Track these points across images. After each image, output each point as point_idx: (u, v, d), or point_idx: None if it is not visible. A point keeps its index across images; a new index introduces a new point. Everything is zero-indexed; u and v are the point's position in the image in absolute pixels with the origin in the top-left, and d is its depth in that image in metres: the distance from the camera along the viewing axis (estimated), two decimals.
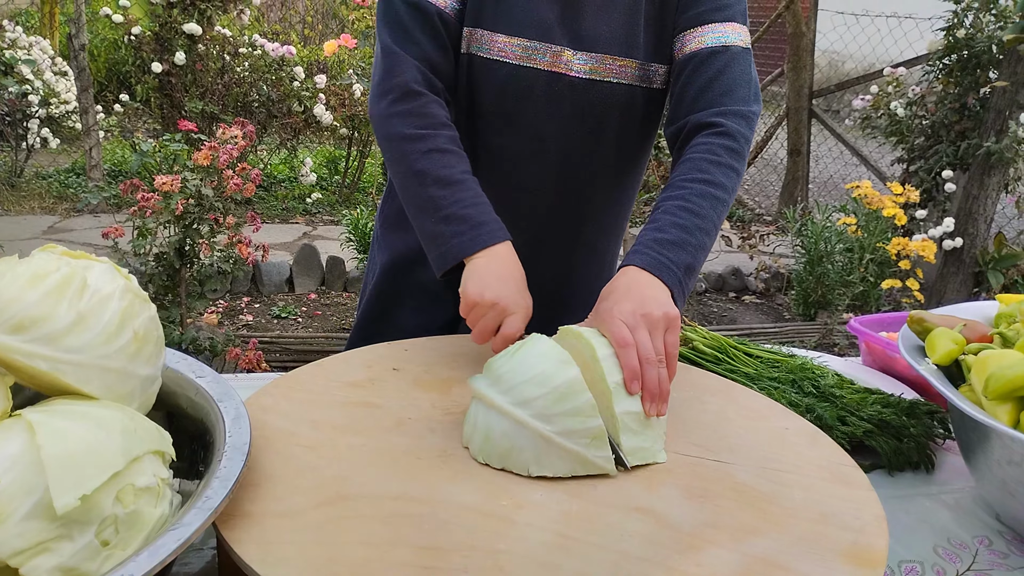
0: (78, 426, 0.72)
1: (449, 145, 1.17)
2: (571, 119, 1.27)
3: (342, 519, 0.78)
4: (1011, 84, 4.16)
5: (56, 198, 6.13)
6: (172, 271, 3.03)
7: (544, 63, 1.23)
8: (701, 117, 1.20)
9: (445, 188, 1.13)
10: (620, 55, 1.25)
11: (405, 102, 1.17)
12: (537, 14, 1.21)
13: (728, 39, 1.23)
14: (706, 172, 1.15)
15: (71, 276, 0.80)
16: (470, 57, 1.24)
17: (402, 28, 1.20)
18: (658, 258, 1.07)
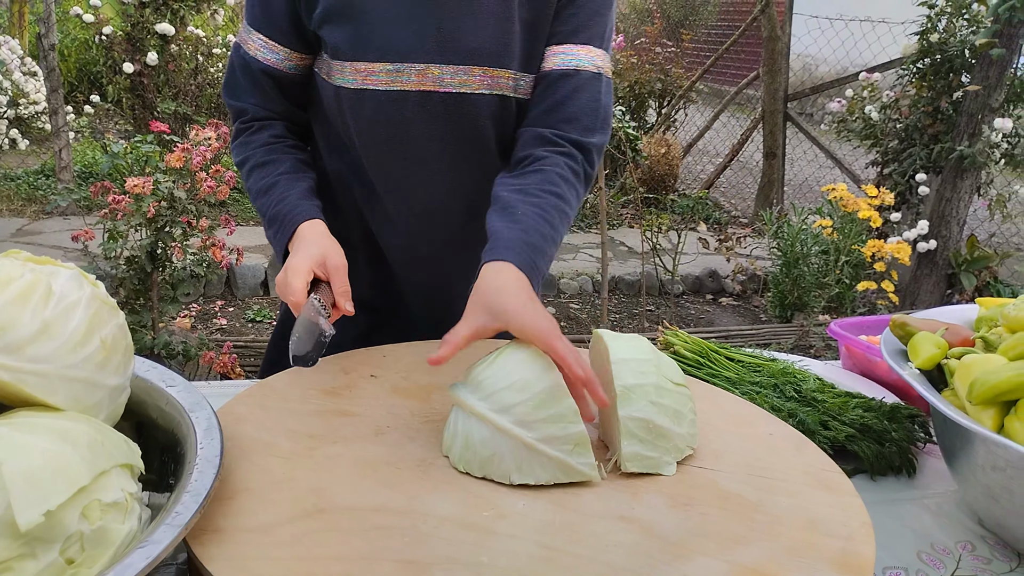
0: (42, 439, 0.69)
1: (266, 158, 1.24)
2: (450, 136, 1.22)
3: (319, 533, 0.76)
4: (983, 88, 4.21)
5: (25, 200, 6.01)
6: (144, 275, 2.98)
7: (412, 83, 1.18)
8: (543, 133, 1.20)
9: (263, 196, 1.21)
10: (492, 66, 1.19)
11: (236, 138, 1.29)
12: (397, 35, 1.16)
13: (580, 63, 1.21)
14: (557, 187, 1.16)
15: (35, 283, 0.77)
16: (337, 91, 1.21)
17: (235, 80, 1.27)
18: (531, 262, 1.07)
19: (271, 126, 1.27)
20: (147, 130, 3.41)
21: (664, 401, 0.93)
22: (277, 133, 1.28)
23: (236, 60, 1.27)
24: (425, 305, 1.37)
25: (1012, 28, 4.06)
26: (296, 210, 1.18)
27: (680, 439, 0.94)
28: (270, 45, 1.23)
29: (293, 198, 1.19)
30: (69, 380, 0.76)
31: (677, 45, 8.62)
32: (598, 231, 5.03)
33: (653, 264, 4.88)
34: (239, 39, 1.27)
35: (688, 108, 8.00)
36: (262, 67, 1.23)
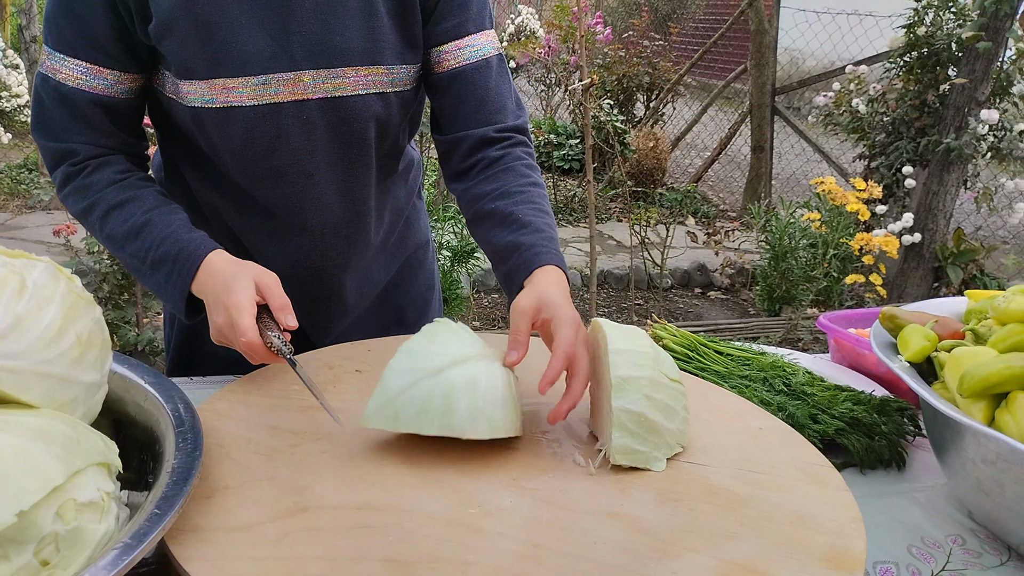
0: (14, 437, 0.67)
1: (120, 197, 1.08)
2: (332, 144, 1.16)
3: (301, 532, 0.74)
4: (970, 81, 4.22)
5: (7, 195, 5.95)
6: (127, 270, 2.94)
7: (282, 95, 1.09)
8: (487, 132, 1.19)
9: (135, 241, 1.06)
10: (365, 64, 1.13)
11: (68, 183, 1.10)
12: (256, 44, 1.06)
13: (485, 51, 1.20)
14: (530, 177, 1.18)
15: (7, 277, 0.75)
16: (196, 112, 1.09)
17: (54, 122, 1.09)
18: (559, 255, 1.09)
19: (110, 162, 1.11)
20: None
21: (658, 396, 0.92)
22: (121, 168, 1.11)
23: (47, 94, 1.07)
24: (327, 319, 1.33)
25: (998, 21, 4.07)
26: (191, 245, 1.04)
27: (671, 435, 0.93)
28: (93, 70, 1.06)
29: (179, 233, 1.06)
30: (43, 376, 0.74)
31: (665, 38, 8.62)
32: (586, 225, 5.02)
33: (642, 258, 4.87)
34: (45, 69, 1.07)
35: (676, 102, 8.00)
36: (89, 97, 1.07)
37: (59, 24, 1.05)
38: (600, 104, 6.68)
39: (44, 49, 1.08)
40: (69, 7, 1.04)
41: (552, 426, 0.99)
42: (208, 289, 1.01)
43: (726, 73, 7.80)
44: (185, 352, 1.34)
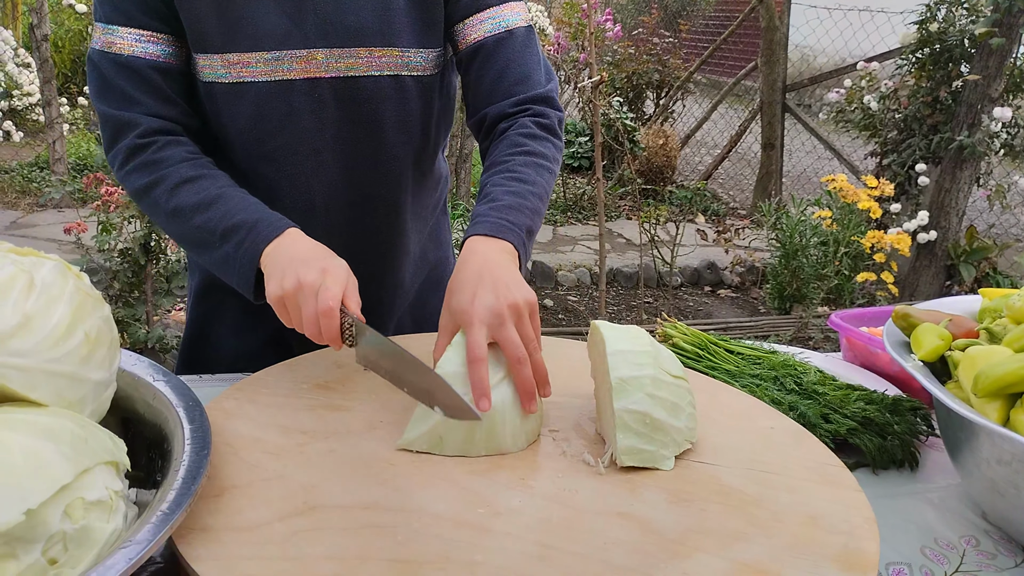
0: (22, 436, 0.67)
1: (192, 172, 1.08)
2: (342, 124, 1.15)
3: (310, 532, 0.74)
4: (983, 78, 4.19)
5: (19, 193, 5.98)
6: (138, 267, 2.96)
7: (295, 71, 1.10)
8: (503, 107, 1.17)
9: (206, 211, 1.05)
10: (377, 45, 1.12)
11: (133, 158, 1.09)
12: (270, 20, 1.07)
13: (509, 21, 1.17)
14: (523, 145, 1.13)
15: (16, 275, 0.75)
16: (209, 87, 1.10)
17: (117, 92, 1.09)
18: (499, 222, 1.03)
19: (179, 141, 1.11)
20: None
21: (661, 394, 0.91)
22: (191, 149, 1.11)
23: (106, 67, 1.08)
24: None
25: (1012, 17, 4.04)
26: (272, 216, 1.04)
27: (678, 432, 0.92)
28: (146, 35, 1.08)
29: (257, 206, 1.05)
30: (52, 375, 0.74)
31: (675, 36, 8.60)
32: (596, 223, 5.01)
33: (651, 256, 4.86)
34: (100, 44, 1.08)
35: (686, 99, 7.98)
36: (147, 63, 1.07)
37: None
38: (610, 102, 6.67)
39: (96, 26, 1.10)
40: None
41: (561, 425, 0.99)
42: (292, 252, 0.98)
43: (736, 70, 7.77)
44: (196, 347, 1.34)
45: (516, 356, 0.91)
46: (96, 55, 1.09)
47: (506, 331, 0.91)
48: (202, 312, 1.32)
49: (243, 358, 1.14)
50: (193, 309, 1.33)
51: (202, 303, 1.32)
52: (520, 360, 0.91)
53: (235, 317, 1.29)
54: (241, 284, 1.04)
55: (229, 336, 1.30)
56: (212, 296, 1.30)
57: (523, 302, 0.94)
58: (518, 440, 0.92)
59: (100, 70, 1.09)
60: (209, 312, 1.31)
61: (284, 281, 0.94)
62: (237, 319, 1.29)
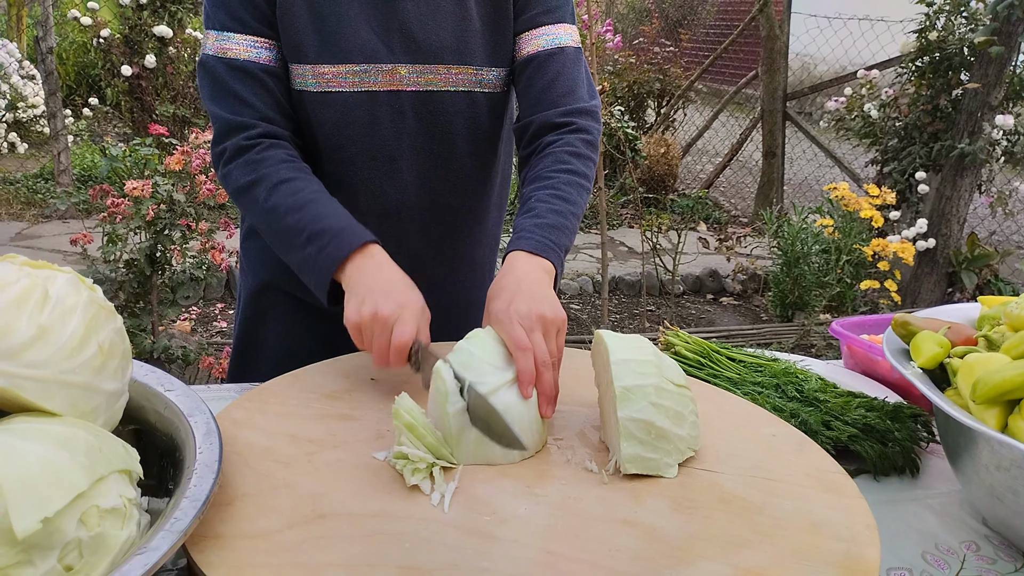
0: (39, 445, 0.68)
1: (291, 175, 1.14)
2: (418, 134, 1.24)
3: (319, 539, 0.75)
4: (982, 86, 4.20)
5: (24, 204, 6.01)
6: (143, 278, 2.97)
7: (379, 84, 1.19)
8: (549, 116, 1.24)
9: (298, 213, 1.11)
10: (454, 63, 1.22)
11: (238, 157, 1.16)
12: (360, 36, 1.17)
13: (561, 40, 1.27)
14: (568, 163, 1.20)
15: (31, 288, 0.76)
16: (300, 95, 1.20)
17: (231, 95, 1.16)
18: (543, 241, 1.10)
19: (282, 145, 1.18)
20: (146, 133, 3.40)
21: (664, 402, 0.92)
22: (291, 152, 1.19)
23: (222, 71, 1.16)
24: None
25: (1011, 26, 4.06)
26: (356, 226, 1.10)
27: (681, 441, 0.93)
28: (260, 42, 1.16)
29: (345, 216, 1.11)
30: (66, 385, 0.75)
31: (675, 45, 8.62)
32: (598, 231, 5.02)
33: (653, 264, 4.87)
34: (214, 51, 1.16)
35: (687, 108, 8.00)
36: (260, 67, 1.16)
37: (228, 5, 1.15)
38: (611, 111, 6.69)
39: (209, 34, 1.17)
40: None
41: (565, 433, 1.00)
42: (373, 277, 1.05)
43: (737, 79, 7.80)
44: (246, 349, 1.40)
45: (543, 360, 0.95)
46: (210, 60, 1.17)
47: (535, 336, 0.96)
48: (253, 314, 1.39)
49: (291, 360, 1.18)
50: (244, 311, 1.40)
51: (253, 306, 1.39)
52: (544, 364, 0.95)
53: (285, 320, 1.36)
54: (317, 287, 1.10)
55: (278, 339, 1.37)
56: (264, 299, 1.37)
57: (553, 316, 1.00)
58: (531, 438, 0.93)
59: (214, 74, 1.16)
60: (260, 315, 1.38)
61: (363, 308, 1.00)
62: (287, 322, 1.36)
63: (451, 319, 1.36)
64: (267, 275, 1.35)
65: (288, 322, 1.36)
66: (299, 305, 1.32)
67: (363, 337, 1.01)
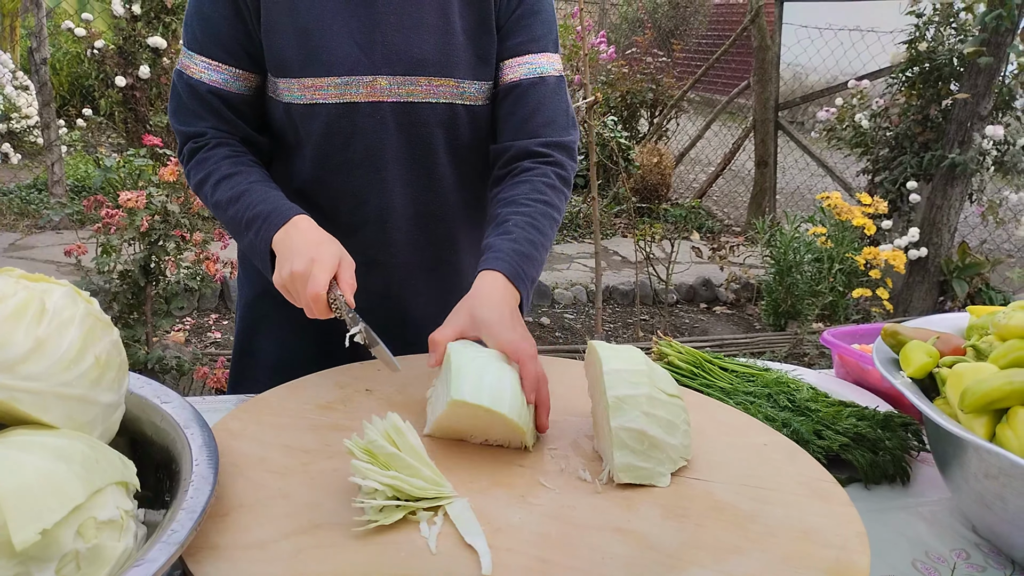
0: (36, 457, 0.69)
1: (232, 169, 1.22)
2: (400, 145, 1.27)
3: (315, 549, 0.76)
4: (972, 96, 4.24)
5: (17, 215, 6.00)
6: (137, 289, 2.97)
7: (361, 95, 1.22)
8: (528, 145, 1.27)
9: (236, 203, 1.19)
10: (437, 75, 1.25)
11: (191, 158, 1.25)
12: (342, 50, 1.21)
13: (544, 69, 1.30)
14: (545, 195, 1.24)
15: (29, 300, 0.77)
16: (287, 107, 1.25)
17: (183, 106, 1.26)
18: (518, 270, 1.14)
19: (227, 143, 1.26)
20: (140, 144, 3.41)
21: (657, 412, 0.93)
22: (236, 149, 1.26)
23: (180, 86, 1.25)
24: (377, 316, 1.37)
25: (999, 36, 4.09)
26: (283, 206, 1.16)
27: (673, 450, 0.94)
28: (214, 66, 1.23)
29: (275, 199, 1.18)
30: (63, 398, 0.76)
31: (668, 55, 8.67)
32: (591, 241, 5.04)
33: (647, 273, 4.89)
34: (180, 65, 1.26)
35: (680, 117, 8.04)
36: (208, 88, 1.23)
37: (192, 25, 1.23)
38: (604, 121, 6.72)
39: (182, 49, 1.27)
40: (199, 9, 1.22)
41: (559, 443, 1.01)
42: (293, 240, 1.11)
43: (729, 89, 7.84)
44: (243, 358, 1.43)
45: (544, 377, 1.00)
46: (176, 76, 1.27)
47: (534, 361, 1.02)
48: (250, 323, 1.42)
49: (288, 367, 1.21)
50: (241, 320, 1.43)
51: (250, 315, 1.42)
52: (543, 380, 1.00)
53: (281, 329, 1.38)
54: (263, 268, 1.18)
55: (275, 347, 1.39)
56: (260, 308, 1.40)
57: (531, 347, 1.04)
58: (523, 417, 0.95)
59: (177, 92, 1.26)
60: (257, 323, 1.41)
61: (282, 270, 1.09)
62: (283, 330, 1.38)
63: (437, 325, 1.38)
64: (263, 284, 1.36)
65: (284, 331, 1.37)
66: (294, 314, 1.31)
67: (291, 296, 1.09)
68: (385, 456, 0.83)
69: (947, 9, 4.43)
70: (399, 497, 0.82)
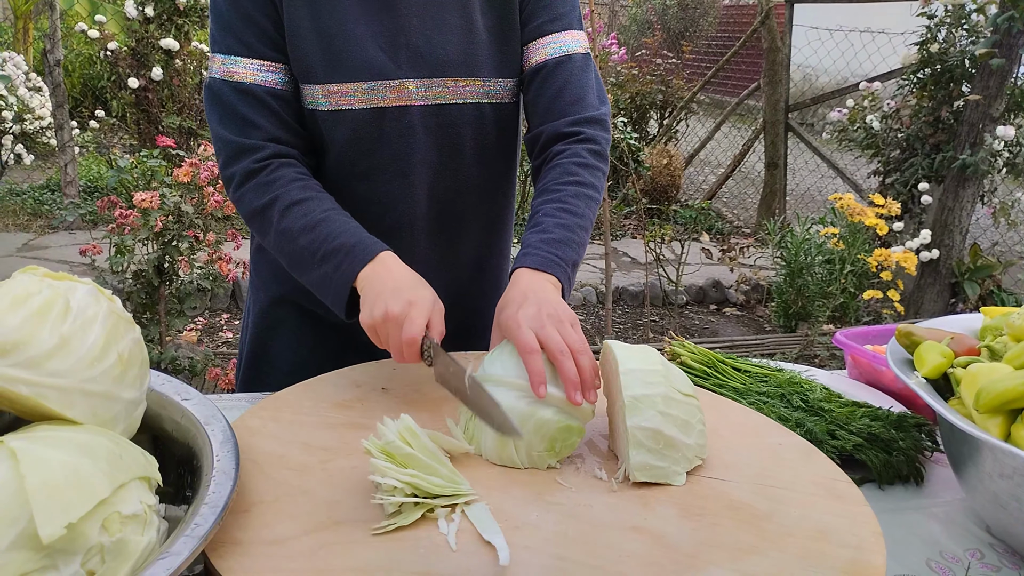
0: (62, 453, 0.70)
1: (303, 195, 1.15)
2: (427, 147, 1.25)
3: (334, 545, 0.77)
4: (984, 97, 4.22)
5: (31, 215, 6.04)
6: (151, 289, 2.99)
7: (388, 100, 1.20)
8: (558, 126, 1.25)
9: (311, 232, 1.12)
10: (462, 76, 1.23)
11: (249, 180, 1.17)
12: (367, 54, 1.18)
13: (569, 47, 1.27)
14: (576, 175, 1.21)
15: (53, 299, 0.78)
16: (312, 114, 1.21)
17: (238, 117, 1.17)
18: (548, 256, 1.11)
19: (290, 164, 1.19)
20: (152, 145, 3.43)
21: (672, 411, 0.94)
22: (301, 171, 1.20)
23: (227, 95, 1.17)
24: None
25: (1011, 38, 4.08)
26: (367, 239, 1.12)
27: (689, 449, 0.95)
28: (267, 66, 1.18)
29: (357, 231, 1.13)
30: (87, 394, 0.77)
31: (678, 56, 8.66)
32: (601, 242, 5.04)
33: (657, 274, 4.89)
34: (221, 74, 1.17)
35: (689, 119, 8.03)
36: (266, 90, 1.17)
37: (233, 27, 1.17)
38: (614, 122, 6.72)
39: (215, 57, 1.19)
40: (240, 10, 1.16)
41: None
42: (384, 280, 1.07)
43: (739, 90, 7.83)
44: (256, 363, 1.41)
45: (558, 349, 0.95)
46: (217, 83, 1.18)
47: (547, 331, 0.97)
48: (264, 328, 1.39)
49: (302, 373, 1.18)
50: (255, 325, 1.40)
51: (265, 320, 1.39)
52: (562, 352, 0.95)
53: (297, 334, 1.37)
54: (336, 304, 1.12)
55: (290, 352, 1.37)
56: (276, 313, 1.37)
57: (564, 314, 1.01)
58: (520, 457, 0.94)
59: (221, 97, 1.18)
60: (271, 328, 1.38)
61: (374, 310, 1.03)
62: (298, 336, 1.36)
63: (461, 327, 1.37)
64: (279, 289, 1.36)
65: (300, 336, 1.36)
66: (311, 319, 1.32)
67: (379, 337, 1.04)
68: (403, 456, 0.84)
69: (959, 11, 4.42)
70: (417, 495, 0.82)
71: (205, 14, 5.94)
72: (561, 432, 0.94)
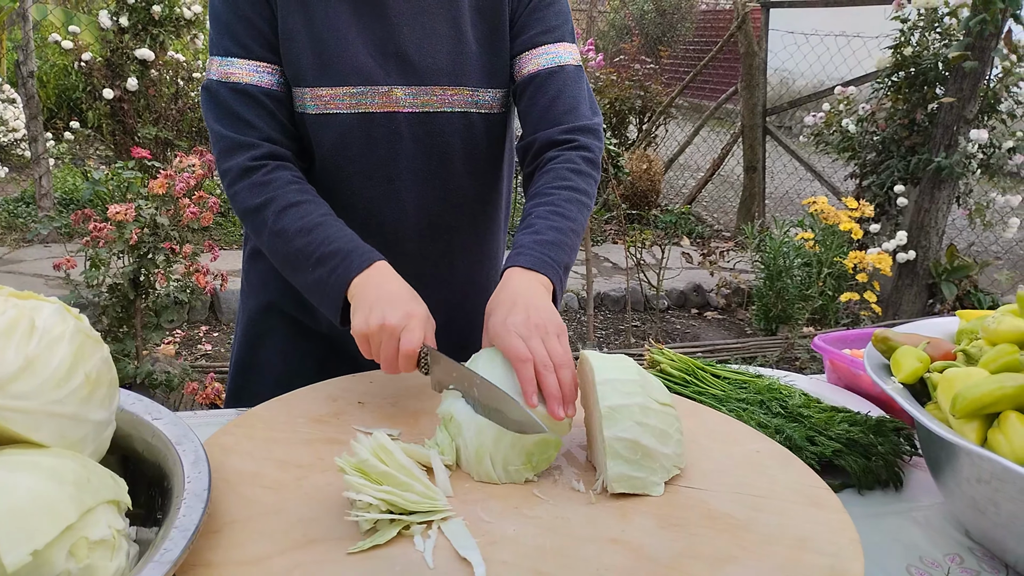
0: (27, 477, 0.68)
1: (299, 197, 1.16)
2: (415, 155, 1.25)
3: (310, 565, 0.75)
4: (957, 100, 4.27)
5: (5, 228, 5.96)
6: (127, 302, 2.96)
7: (375, 105, 1.21)
8: (551, 134, 1.26)
9: (307, 236, 1.12)
10: (450, 85, 1.24)
11: (245, 178, 1.17)
12: (357, 60, 1.19)
13: (562, 59, 1.29)
14: (569, 180, 1.21)
15: (18, 318, 0.77)
16: (301, 116, 1.22)
17: (234, 116, 1.18)
18: (541, 257, 1.11)
19: (287, 166, 1.20)
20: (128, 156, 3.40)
21: (650, 421, 0.93)
22: (297, 174, 1.20)
23: (226, 95, 1.18)
24: None
25: (984, 41, 4.13)
26: (363, 247, 1.12)
27: (667, 459, 0.94)
28: (264, 67, 1.19)
29: (351, 237, 1.13)
30: (54, 416, 0.75)
31: (656, 61, 8.71)
32: (582, 247, 5.04)
33: (638, 279, 4.90)
34: (218, 75, 1.19)
35: (668, 124, 8.06)
36: (263, 91, 1.18)
37: (231, 29, 1.18)
38: None
39: (213, 60, 1.20)
40: (238, 12, 1.18)
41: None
42: (380, 289, 1.06)
43: (717, 94, 7.88)
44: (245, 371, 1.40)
45: (542, 363, 0.95)
46: (214, 85, 1.20)
47: (533, 342, 0.97)
48: (254, 335, 1.39)
49: (290, 381, 1.18)
50: (245, 332, 1.40)
51: (255, 327, 1.38)
52: (545, 367, 0.95)
53: (285, 342, 1.36)
54: (329, 309, 1.11)
55: (279, 360, 1.37)
56: (266, 321, 1.37)
57: (551, 324, 1.01)
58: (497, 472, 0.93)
59: (218, 98, 1.19)
60: (261, 336, 1.38)
61: (370, 318, 1.02)
62: (287, 344, 1.36)
63: (450, 337, 1.37)
64: (269, 296, 1.36)
65: (288, 344, 1.36)
66: (299, 327, 1.32)
67: (371, 346, 1.03)
68: (377, 473, 0.83)
69: (932, 14, 4.47)
70: (393, 511, 0.81)
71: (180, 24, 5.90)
72: (538, 446, 0.93)
